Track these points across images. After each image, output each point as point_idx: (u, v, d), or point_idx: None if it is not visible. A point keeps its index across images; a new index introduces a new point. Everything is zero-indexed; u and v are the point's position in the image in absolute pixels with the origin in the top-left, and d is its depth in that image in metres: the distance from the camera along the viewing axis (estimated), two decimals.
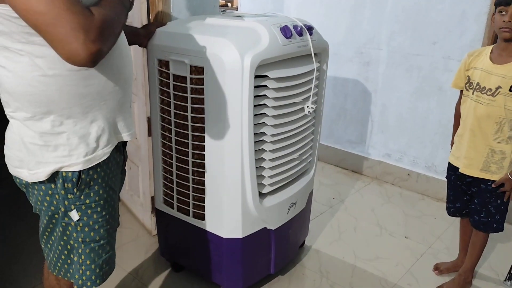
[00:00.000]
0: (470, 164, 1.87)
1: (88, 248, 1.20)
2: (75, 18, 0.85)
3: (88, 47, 0.87)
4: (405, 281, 2.15)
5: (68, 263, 1.23)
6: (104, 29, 0.90)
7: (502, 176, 1.81)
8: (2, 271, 2.06)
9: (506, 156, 1.79)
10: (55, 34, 0.86)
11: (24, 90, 1.02)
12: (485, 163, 1.83)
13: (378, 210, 2.83)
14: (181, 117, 1.70)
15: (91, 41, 0.87)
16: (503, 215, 1.91)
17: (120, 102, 1.18)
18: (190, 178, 1.75)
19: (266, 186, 1.76)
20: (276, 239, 1.89)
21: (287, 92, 1.69)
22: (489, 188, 1.86)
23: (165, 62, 1.68)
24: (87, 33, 0.86)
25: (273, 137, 1.69)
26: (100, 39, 0.89)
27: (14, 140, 1.11)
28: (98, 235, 1.20)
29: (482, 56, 1.81)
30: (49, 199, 1.14)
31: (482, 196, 1.89)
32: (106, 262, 1.26)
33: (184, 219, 1.85)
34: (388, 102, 3.12)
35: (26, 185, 1.15)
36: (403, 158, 3.15)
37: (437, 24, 2.75)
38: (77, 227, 1.17)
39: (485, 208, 1.90)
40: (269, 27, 1.60)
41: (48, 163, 1.09)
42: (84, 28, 0.86)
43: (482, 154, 1.83)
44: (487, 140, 1.80)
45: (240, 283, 1.85)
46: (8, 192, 2.77)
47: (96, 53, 0.89)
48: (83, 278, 1.22)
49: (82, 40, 0.86)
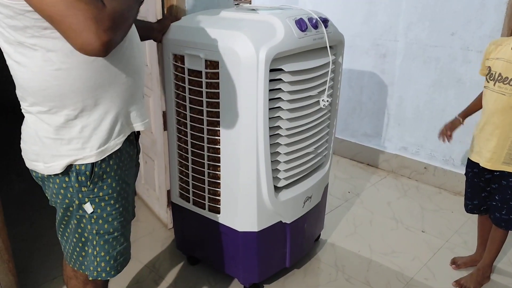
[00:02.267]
0: (492, 157, 1.82)
1: (102, 240, 1.22)
2: (87, 9, 0.86)
3: (100, 37, 0.88)
4: (422, 276, 2.13)
5: (83, 255, 1.25)
6: (116, 19, 0.91)
7: None
8: (23, 263, 2.10)
9: None
10: (68, 24, 0.87)
11: (39, 85, 1.04)
12: (508, 155, 1.78)
13: (394, 204, 2.80)
14: (196, 111, 1.70)
15: (103, 31, 0.88)
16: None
17: (132, 93, 1.19)
18: (206, 172, 1.76)
19: (281, 180, 1.75)
20: (292, 233, 1.89)
21: (303, 85, 1.68)
22: (510, 184, 1.82)
23: (180, 57, 1.68)
24: (99, 24, 0.87)
25: (288, 131, 1.69)
26: (112, 29, 0.90)
27: (29, 134, 1.13)
28: (111, 227, 1.22)
29: (504, 46, 1.76)
30: (64, 192, 1.16)
31: (503, 193, 1.85)
32: (120, 254, 1.27)
33: (200, 213, 1.86)
34: (404, 94, 3.08)
35: (42, 178, 1.17)
36: (420, 151, 3.11)
37: (455, 14, 2.70)
38: (91, 220, 1.19)
39: (506, 205, 1.85)
40: (284, 20, 1.58)
41: (62, 156, 1.10)
42: (96, 18, 0.87)
43: (504, 147, 1.78)
44: (509, 132, 1.76)
45: (256, 276, 1.86)
46: (26, 186, 2.83)
47: (108, 42, 0.90)
48: (98, 270, 1.24)
49: (94, 30, 0.87)
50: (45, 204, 1.28)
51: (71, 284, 1.36)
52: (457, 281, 2.05)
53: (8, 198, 2.11)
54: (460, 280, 2.05)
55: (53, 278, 2.02)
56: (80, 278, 1.32)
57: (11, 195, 2.73)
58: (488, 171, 1.88)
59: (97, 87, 1.08)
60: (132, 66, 1.16)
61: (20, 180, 2.89)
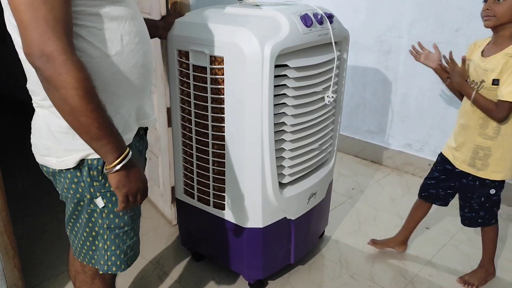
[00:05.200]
0: (459, 157, 1.84)
1: (113, 234, 1.22)
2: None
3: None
4: (426, 272, 2.13)
5: (93, 250, 1.25)
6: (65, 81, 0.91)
7: (487, 173, 1.77)
8: (28, 259, 2.11)
9: (491, 153, 1.73)
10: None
11: None
12: (472, 158, 1.79)
13: (398, 201, 2.80)
14: (201, 107, 1.70)
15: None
16: (490, 210, 1.86)
17: (142, 89, 1.19)
18: (211, 169, 1.76)
19: (286, 176, 1.75)
20: (296, 229, 1.89)
21: (308, 81, 1.68)
22: (470, 183, 1.84)
23: (185, 53, 1.67)
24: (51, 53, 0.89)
25: (293, 127, 1.68)
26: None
27: (40, 129, 1.13)
28: (122, 222, 1.22)
29: (480, 48, 1.75)
30: (75, 187, 1.15)
31: (464, 192, 1.89)
32: (130, 248, 1.28)
33: (204, 209, 1.86)
34: (408, 91, 3.07)
35: (53, 173, 1.17)
36: (424, 148, 3.10)
37: (459, 10, 2.68)
38: (102, 214, 1.19)
39: (468, 203, 1.89)
40: (289, 15, 1.58)
41: (75, 151, 1.10)
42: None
43: (469, 148, 1.78)
44: (473, 135, 1.75)
45: (260, 272, 1.86)
46: (31, 182, 2.84)
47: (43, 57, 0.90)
48: (108, 264, 1.24)
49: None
50: (49, 200, 1.29)
51: (79, 278, 1.36)
52: (461, 278, 2.05)
53: (12, 194, 2.11)
54: (464, 277, 2.05)
55: (57, 274, 2.03)
56: (88, 272, 1.32)
57: (15, 191, 2.74)
58: (450, 164, 1.90)
59: (111, 82, 1.09)
60: (144, 62, 1.16)
61: (25, 176, 2.90)
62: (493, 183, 1.79)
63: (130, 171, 1.07)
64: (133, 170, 1.08)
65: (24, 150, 1.22)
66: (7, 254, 1.74)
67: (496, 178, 1.77)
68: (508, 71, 1.57)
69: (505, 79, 1.58)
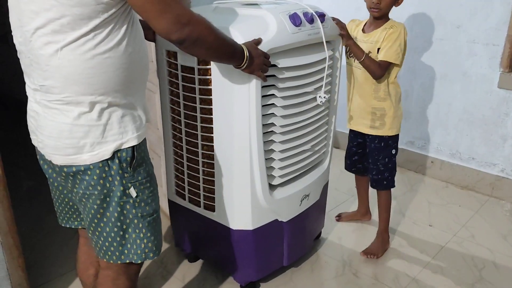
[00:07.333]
0: (362, 123, 2.09)
1: (146, 222, 1.25)
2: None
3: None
4: (430, 269, 2.11)
5: (123, 244, 1.25)
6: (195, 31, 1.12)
7: (385, 131, 2.05)
8: (32, 259, 2.10)
9: (386, 113, 2.03)
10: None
11: (86, 73, 1.08)
12: (372, 121, 2.05)
13: (400, 198, 2.77)
14: (190, 108, 1.68)
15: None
16: (391, 172, 2.13)
17: (146, 85, 1.28)
18: (201, 170, 1.74)
19: (276, 178, 1.73)
20: (289, 231, 1.86)
21: (298, 81, 1.65)
22: (376, 146, 2.08)
23: (173, 53, 1.66)
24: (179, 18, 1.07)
25: (282, 128, 1.66)
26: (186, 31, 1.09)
27: (62, 129, 1.12)
28: (152, 209, 1.27)
29: (359, 27, 2.04)
30: (103, 182, 1.16)
31: (372, 155, 2.12)
32: (160, 233, 1.33)
33: (195, 210, 1.85)
34: (410, 88, 3.02)
35: (76, 172, 1.16)
36: (426, 145, 3.06)
37: (461, 7, 2.63)
38: (135, 204, 1.22)
39: (375, 166, 2.12)
40: (277, 15, 1.55)
41: (108, 142, 1.14)
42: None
43: (368, 113, 2.05)
44: (370, 100, 2.03)
45: (252, 275, 1.84)
46: (35, 183, 2.85)
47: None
48: (146, 251, 1.27)
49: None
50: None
51: (104, 274, 1.34)
52: (364, 251, 2.19)
53: (16, 194, 2.12)
54: (366, 250, 2.19)
55: (62, 274, 2.03)
56: (113, 268, 1.31)
57: (20, 192, 2.75)
58: (360, 136, 2.15)
59: (135, 75, 1.17)
60: (147, 61, 1.25)
61: (29, 177, 2.90)
62: (392, 140, 2.09)
63: (251, 59, 1.38)
64: (253, 56, 1.39)
65: (27, 150, 1.21)
66: (11, 254, 1.74)
67: (392, 133, 2.07)
68: (387, 39, 1.92)
69: (384, 45, 1.93)
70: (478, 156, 2.84)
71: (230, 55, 1.32)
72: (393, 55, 1.92)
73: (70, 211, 1.38)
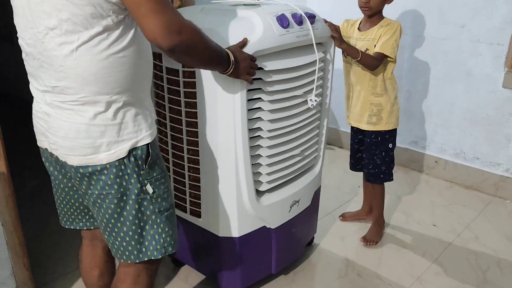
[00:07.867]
0: (360, 119, 2.12)
1: (164, 217, 1.26)
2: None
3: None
4: (433, 270, 2.07)
5: (141, 242, 1.24)
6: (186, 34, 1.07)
7: (382, 126, 2.08)
8: (37, 259, 2.09)
9: (383, 108, 2.05)
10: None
11: (102, 72, 1.08)
12: (369, 116, 2.08)
13: (404, 198, 2.72)
14: (175, 111, 1.64)
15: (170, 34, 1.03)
16: (389, 166, 2.16)
17: (151, 83, 1.29)
18: (186, 175, 1.70)
19: (263, 184, 1.68)
20: (277, 238, 1.81)
21: (286, 84, 1.59)
22: (373, 141, 2.11)
23: (158, 55, 1.61)
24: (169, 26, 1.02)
25: (270, 133, 1.60)
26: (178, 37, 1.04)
27: (78, 129, 1.11)
28: (168, 204, 1.28)
29: (355, 26, 2.07)
30: (119, 181, 1.16)
31: (369, 150, 2.15)
32: (176, 227, 1.34)
33: (181, 216, 1.80)
34: (413, 88, 2.96)
35: (92, 173, 1.15)
36: (430, 145, 3.00)
37: (464, 6, 2.56)
38: (152, 199, 1.23)
39: (372, 160, 2.14)
40: (264, 16, 1.49)
41: (124, 140, 1.15)
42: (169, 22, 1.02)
43: (366, 109, 2.08)
44: (368, 96, 2.06)
45: (239, 283, 1.79)
46: (39, 182, 2.83)
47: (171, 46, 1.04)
48: (165, 246, 1.27)
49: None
50: None
51: (123, 271, 1.33)
52: (363, 238, 2.25)
53: (21, 194, 2.12)
54: (365, 236, 2.26)
55: (66, 273, 2.02)
56: (133, 267, 1.31)
57: (24, 192, 2.73)
58: (360, 133, 2.18)
59: (144, 73, 1.19)
60: (152, 57, 1.25)
61: (33, 177, 2.89)
62: (388, 135, 2.11)
63: (237, 64, 1.34)
64: (238, 61, 1.35)
65: (32, 150, 1.20)
66: (16, 254, 1.75)
67: (389, 128, 2.09)
68: (383, 36, 1.96)
69: (380, 40, 1.97)
70: (482, 156, 2.77)
71: (216, 63, 1.30)
72: (388, 49, 1.95)
73: (75, 213, 1.37)
